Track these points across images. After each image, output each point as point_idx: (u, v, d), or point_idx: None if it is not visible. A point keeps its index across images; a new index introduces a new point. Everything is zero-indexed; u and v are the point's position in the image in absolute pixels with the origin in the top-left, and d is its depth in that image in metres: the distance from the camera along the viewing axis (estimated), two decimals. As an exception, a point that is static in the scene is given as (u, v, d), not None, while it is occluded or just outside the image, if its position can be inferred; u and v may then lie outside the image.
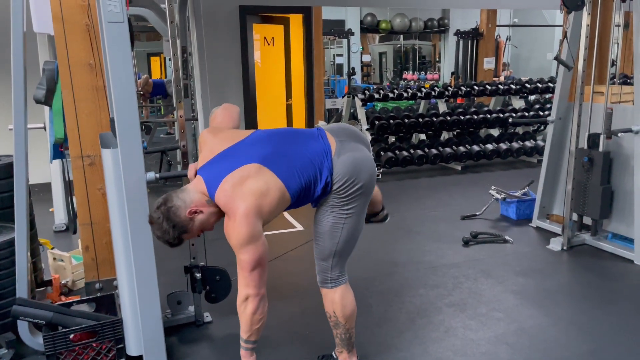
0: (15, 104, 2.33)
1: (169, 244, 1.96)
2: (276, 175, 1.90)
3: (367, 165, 2.02)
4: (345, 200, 1.99)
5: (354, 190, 1.98)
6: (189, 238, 2.05)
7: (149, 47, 12.62)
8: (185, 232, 1.94)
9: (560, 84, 4.03)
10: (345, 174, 1.96)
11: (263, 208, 1.87)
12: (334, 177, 1.96)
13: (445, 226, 4.39)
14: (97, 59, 2.59)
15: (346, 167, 1.96)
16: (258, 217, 1.86)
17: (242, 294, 1.93)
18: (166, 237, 1.93)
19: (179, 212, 1.91)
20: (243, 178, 1.88)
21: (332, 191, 1.98)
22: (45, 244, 3.37)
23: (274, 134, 2.07)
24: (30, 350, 2.51)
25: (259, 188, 1.87)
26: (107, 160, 2.23)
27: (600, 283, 3.29)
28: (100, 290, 2.79)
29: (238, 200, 1.85)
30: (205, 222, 1.96)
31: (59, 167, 4.23)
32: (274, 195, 1.89)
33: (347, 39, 11.01)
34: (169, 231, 1.91)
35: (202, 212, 1.93)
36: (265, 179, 1.89)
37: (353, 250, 2.14)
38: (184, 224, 1.92)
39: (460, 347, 2.56)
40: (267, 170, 1.91)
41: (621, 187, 3.70)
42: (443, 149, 6.51)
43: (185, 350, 2.57)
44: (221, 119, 2.23)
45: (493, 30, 10.55)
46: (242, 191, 1.86)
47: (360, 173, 1.98)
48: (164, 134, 9.77)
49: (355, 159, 1.99)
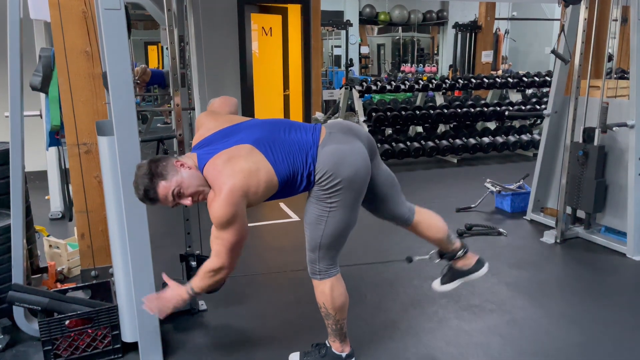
0: (12, 91, 2.33)
1: (143, 191, 1.89)
2: (266, 158, 1.92)
3: (353, 158, 1.96)
4: (328, 193, 1.97)
5: (335, 184, 1.94)
6: (164, 195, 1.89)
7: (146, 36, 12.55)
8: (164, 180, 1.87)
9: (556, 78, 4.04)
10: (325, 165, 1.94)
11: (250, 189, 1.87)
12: (316, 167, 1.96)
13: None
14: (94, 46, 2.59)
15: (327, 158, 1.95)
16: (244, 196, 1.86)
17: (217, 264, 1.96)
18: (144, 180, 1.88)
19: (166, 165, 1.90)
20: (234, 157, 1.89)
21: (315, 182, 1.98)
22: (41, 231, 3.37)
23: (269, 122, 2.08)
24: (26, 336, 2.52)
25: (249, 168, 1.88)
26: (104, 148, 2.23)
27: (592, 276, 3.32)
28: (96, 277, 2.81)
29: (226, 176, 1.85)
30: (187, 183, 1.90)
31: (55, 154, 4.22)
32: (262, 177, 1.89)
33: (345, 30, 10.98)
34: (148, 175, 1.87)
35: (190, 168, 1.93)
36: (256, 160, 1.90)
37: (344, 244, 2.13)
38: (167, 172, 1.88)
39: (453, 338, 2.58)
40: (258, 152, 1.92)
41: (615, 181, 3.73)
42: (439, 142, 6.52)
43: (180, 338, 2.59)
44: (219, 105, 2.26)
45: (492, 23, 10.54)
46: (231, 168, 1.87)
47: (342, 166, 1.93)
48: (161, 124, 9.75)
49: (338, 150, 1.95)
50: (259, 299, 3.02)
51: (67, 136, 2.66)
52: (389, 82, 6.90)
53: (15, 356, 2.43)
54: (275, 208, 4.75)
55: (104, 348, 2.37)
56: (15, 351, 2.46)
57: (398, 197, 2.30)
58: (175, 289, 2.09)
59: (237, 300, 2.97)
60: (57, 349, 2.29)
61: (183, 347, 2.51)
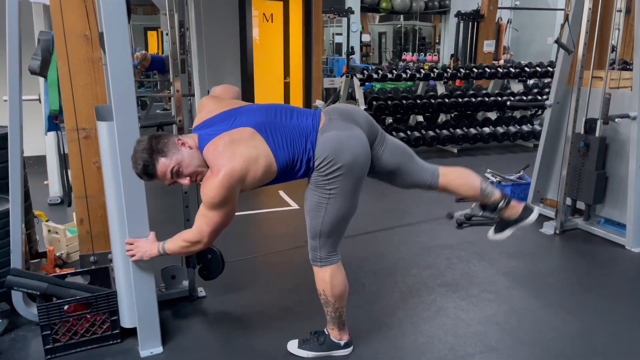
0: (10, 75, 2.31)
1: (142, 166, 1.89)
2: (267, 143, 1.91)
3: (353, 145, 1.94)
4: (327, 179, 1.96)
5: (334, 169, 1.93)
6: (162, 171, 1.89)
7: (146, 21, 12.45)
8: (164, 157, 1.87)
9: (559, 68, 4.01)
10: (325, 151, 1.92)
11: (248, 174, 1.87)
12: (315, 153, 1.94)
13: (439, 208, 4.40)
14: (94, 30, 2.56)
15: (327, 144, 1.93)
16: (240, 181, 1.86)
17: (196, 238, 1.99)
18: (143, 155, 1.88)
19: (167, 142, 1.90)
20: (235, 140, 1.89)
21: (314, 169, 1.97)
22: (39, 216, 3.37)
23: (270, 106, 2.07)
24: (25, 320, 2.53)
25: (250, 153, 1.87)
26: (103, 134, 2.22)
27: (591, 267, 3.33)
28: (95, 263, 2.80)
29: (226, 158, 1.85)
30: (187, 162, 1.90)
31: (53, 139, 4.20)
32: (262, 163, 1.89)
33: (346, 17, 10.88)
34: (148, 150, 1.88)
35: (190, 147, 1.92)
36: (256, 145, 1.90)
37: (345, 232, 2.13)
38: (168, 149, 1.88)
39: (451, 327, 2.59)
40: (259, 136, 1.92)
41: (616, 172, 3.72)
42: (440, 131, 6.50)
43: (179, 324, 2.59)
44: (220, 91, 2.27)
45: (494, 12, 10.45)
46: (232, 151, 1.86)
47: (342, 153, 1.91)
48: (160, 110, 9.71)
49: (337, 137, 1.93)
50: (258, 286, 3.02)
51: (66, 121, 2.64)
52: (390, 71, 6.86)
53: (14, 340, 2.44)
54: (275, 196, 4.75)
55: (102, 333, 2.37)
56: (14, 335, 2.47)
57: (414, 166, 2.20)
58: (149, 243, 2.18)
59: (236, 287, 2.98)
60: (56, 333, 2.29)
61: (181, 333, 2.52)
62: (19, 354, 2.34)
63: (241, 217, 4.12)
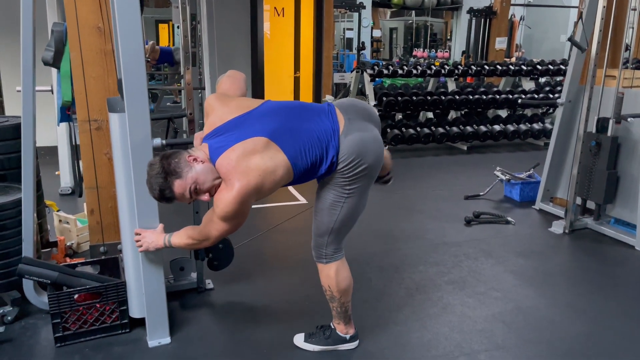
0: (24, 66, 2.33)
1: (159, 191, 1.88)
2: (283, 151, 1.86)
3: (375, 146, 1.97)
4: (348, 180, 1.96)
5: (359, 170, 1.94)
6: (180, 193, 1.88)
7: (157, 14, 12.50)
8: (178, 178, 1.85)
9: (572, 66, 3.98)
10: (352, 154, 1.91)
11: (264, 186, 1.83)
12: (339, 156, 1.92)
13: (448, 205, 4.40)
14: (106, 23, 2.58)
15: (352, 147, 1.92)
16: (255, 195, 1.84)
17: (203, 237, 2.02)
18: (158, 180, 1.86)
19: (179, 161, 1.87)
20: (249, 152, 1.83)
21: (336, 170, 1.95)
22: (51, 206, 3.40)
23: (283, 107, 2.00)
24: (35, 308, 2.56)
25: (265, 165, 1.82)
26: (114, 125, 2.23)
27: (600, 267, 3.31)
28: (105, 253, 2.83)
29: (240, 173, 1.80)
30: (203, 178, 1.86)
31: (65, 130, 4.24)
32: (278, 173, 1.85)
33: (358, 12, 10.85)
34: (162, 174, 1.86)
35: (202, 162, 1.88)
36: (272, 155, 1.84)
37: (353, 227, 2.14)
38: (181, 168, 1.85)
39: (457, 324, 2.59)
40: (275, 145, 1.85)
41: (627, 172, 3.69)
42: (450, 128, 6.47)
43: (187, 316, 2.61)
44: (228, 87, 2.16)
45: (507, 9, 10.36)
46: (247, 165, 1.81)
47: (367, 154, 1.94)
48: (171, 103, 9.75)
49: (362, 140, 1.94)
50: (265, 279, 3.04)
51: (78, 112, 2.66)
52: (401, 67, 6.83)
53: (24, 328, 2.47)
54: (284, 190, 4.76)
55: (111, 323, 2.40)
56: (25, 323, 2.50)
57: None
58: (156, 235, 2.18)
59: (243, 280, 2.99)
60: (66, 322, 2.32)
61: (189, 324, 2.54)
62: (30, 342, 2.38)
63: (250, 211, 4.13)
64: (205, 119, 2.05)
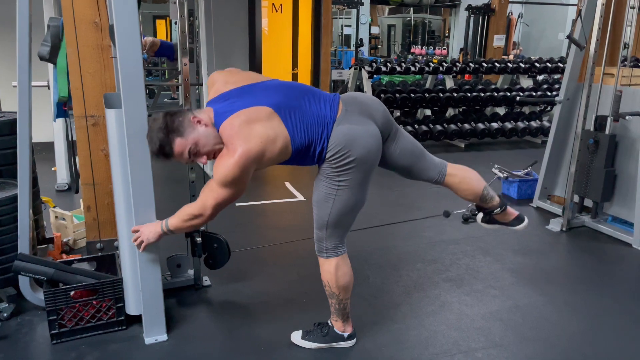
0: (20, 61, 2.31)
1: (158, 146, 1.88)
2: (284, 125, 1.89)
3: (366, 140, 1.95)
4: (337, 171, 1.96)
5: (346, 162, 1.94)
6: (179, 151, 1.89)
7: (155, 9, 12.43)
8: (180, 136, 1.87)
9: (570, 64, 3.97)
10: (339, 144, 1.92)
11: (265, 155, 1.85)
12: (329, 145, 1.93)
13: (445, 203, 4.38)
14: (103, 18, 2.56)
15: (340, 137, 1.92)
16: (256, 162, 1.85)
17: (199, 211, 1.97)
18: (159, 135, 1.87)
19: (183, 120, 1.88)
20: (253, 119, 1.85)
21: (325, 159, 1.96)
22: (47, 202, 3.39)
23: (290, 86, 2.03)
24: (31, 305, 2.55)
25: (267, 134, 1.84)
26: (111, 121, 2.22)
27: (597, 265, 3.31)
28: (101, 250, 2.82)
29: (242, 139, 1.82)
30: (204, 141, 1.89)
31: (62, 126, 4.22)
32: (278, 144, 1.87)
33: (356, 9, 10.82)
34: (164, 129, 1.86)
35: (206, 125, 1.90)
36: (274, 125, 1.87)
37: (352, 224, 2.14)
38: (184, 128, 1.87)
39: (455, 322, 2.59)
40: (277, 117, 1.89)
41: (625, 170, 3.69)
42: (448, 126, 6.46)
43: (184, 313, 2.61)
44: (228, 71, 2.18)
45: (505, 6, 10.35)
46: (249, 132, 1.83)
47: (355, 146, 1.92)
48: (168, 99, 9.71)
49: (351, 131, 1.93)
50: (263, 276, 3.03)
51: (75, 108, 2.64)
52: (399, 64, 6.82)
53: (20, 325, 2.46)
54: (281, 187, 4.76)
55: (108, 320, 2.39)
56: (20, 320, 2.49)
57: (422, 164, 2.21)
58: (152, 225, 2.16)
59: (240, 277, 2.99)
60: (62, 319, 2.31)
61: (186, 321, 2.53)
62: (25, 338, 2.36)
63: (246, 208, 4.13)
64: (209, 91, 2.05)
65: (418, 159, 2.19)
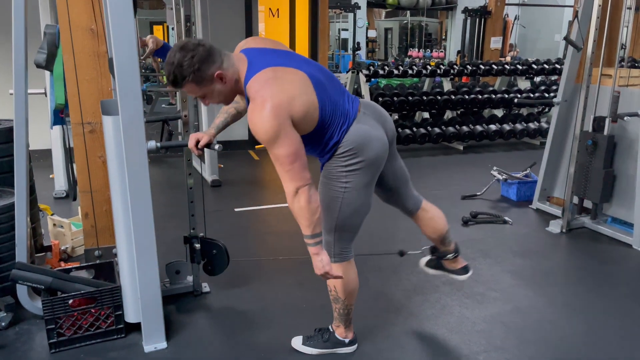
0: (16, 68, 2.30)
1: (173, 76, 1.82)
2: (316, 94, 1.85)
3: (378, 145, 1.98)
4: (345, 170, 1.95)
5: (355, 162, 1.94)
6: (190, 88, 1.84)
7: (151, 15, 12.45)
8: (195, 82, 1.81)
9: (568, 66, 3.97)
10: (354, 141, 1.93)
11: (295, 104, 1.77)
12: (344, 139, 1.93)
13: (445, 205, 4.32)
14: (99, 25, 2.55)
15: (357, 136, 1.93)
16: (287, 110, 1.75)
17: (291, 189, 1.81)
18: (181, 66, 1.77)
19: (210, 64, 1.80)
20: (286, 78, 1.81)
21: (335, 155, 1.95)
22: (45, 209, 3.37)
23: (324, 69, 2.01)
24: (29, 314, 2.53)
25: (299, 91, 1.80)
26: (108, 128, 2.21)
27: (597, 266, 3.30)
28: (100, 257, 2.80)
29: (274, 90, 1.76)
30: (213, 95, 1.87)
31: (59, 133, 4.20)
32: (307, 102, 1.81)
33: (353, 13, 10.86)
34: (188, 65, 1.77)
35: (225, 84, 1.85)
36: (307, 90, 1.83)
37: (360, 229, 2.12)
38: (203, 77, 1.81)
39: (456, 325, 2.58)
40: (311, 85, 1.85)
41: (624, 171, 3.69)
42: (446, 128, 6.46)
43: (183, 320, 2.59)
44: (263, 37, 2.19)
45: (502, 8, 10.39)
46: (280, 86, 1.77)
47: (366, 148, 1.94)
48: (166, 104, 9.70)
49: (367, 133, 1.95)
50: (262, 282, 3.02)
51: (72, 115, 2.63)
52: (397, 67, 6.82)
53: (18, 334, 2.44)
54: (280, 191, 4.73)
55: (107, 328, 2.37)
56: (19, 329, 2.47)
57: (406, 191, 2.30)
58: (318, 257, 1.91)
59: (240, 283, 2.97)
60: (60, 327, 2.29)
61: (185, 328, 2.52)
62: (24, 347, 2.35)
63: (246, 213, 4.11)
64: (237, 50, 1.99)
65: (403, 185, 2.26)
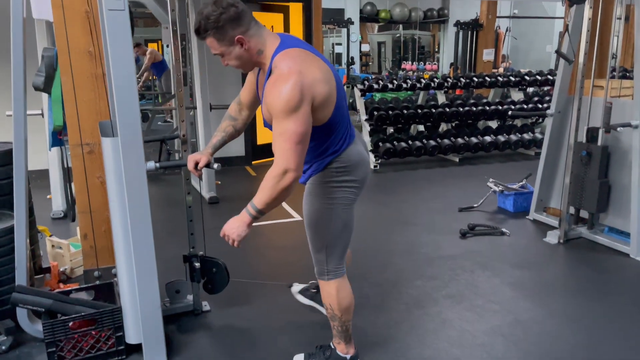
0: (15, 91, 2.32)
1: (197, 27, 1.80)
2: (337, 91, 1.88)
3: (367, 169, 2.12)
4: (335, 184, 2.00)
5: (347, 178, 2.01)
6: (209, 44, 1.83)
7: (146, 34, 12.54)
8: (218, 39, 1.79)
9: (560, 78, 4.02)
10: (350, 160, 2.01)
11: (317, 86, 1.76)
12: (342, 155, 1.99)
13: (442, 218, 4.40)
14: (96, 47, 2.58)
15: (353, 154, 2.02)
16: (309, 88, 1.73)
17: (281, 167, 1.75)
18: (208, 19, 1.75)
19: (236, 26, 1.78)
20: (315, 64, 1.81)
21: (328, 167, 1.99)
22: (43, 231, 3.37)
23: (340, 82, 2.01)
24: (30, 337, 2.52)
25: (325, 78, 1.81)
26: (107, 149, 2.22)
27: (595, 276, 3.32)
28: (99, 278, 2.80)
29: (301, 66, 1.75)
30: (232, 58, 1.85)
31: (57, 154, 4.21)
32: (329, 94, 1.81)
33: (346, 28, 10.96)
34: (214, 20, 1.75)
35: (244, 50, 1.82)
36: (330, 82, 1.83)
37: (349, 244, 2.14)
38: (224, 36, 1.79)
39: (457, 339, 2.58)
40: (335, 83, 1.87)
41: (618, 181, 3.72)
42: (441, 141, 6.50)
43: (184, 339, 2.58)
44: None
45: (493, 21, 10.53)
46: (310, 66, 1.78)
47: (359, 168, 2.05)
48: (162, 122, 9.74)
49: (362, 154, 2.08)
50: (263, 299, 3.01)
51: (70, 136, 2.65)
52: (391, 81, 6.88)
53: (19, 357, 2.42)
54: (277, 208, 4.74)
55: (107, 350, 2.36)
56: (19, 352, 2.46)
57: None
58: (235, 219, 1.89)
59: (240, 301, 2.97)
60: (61, 350, 2.28)
61: (187, 348, 2.51)
62: (24, 371, 2.33)
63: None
64: None
65: None
